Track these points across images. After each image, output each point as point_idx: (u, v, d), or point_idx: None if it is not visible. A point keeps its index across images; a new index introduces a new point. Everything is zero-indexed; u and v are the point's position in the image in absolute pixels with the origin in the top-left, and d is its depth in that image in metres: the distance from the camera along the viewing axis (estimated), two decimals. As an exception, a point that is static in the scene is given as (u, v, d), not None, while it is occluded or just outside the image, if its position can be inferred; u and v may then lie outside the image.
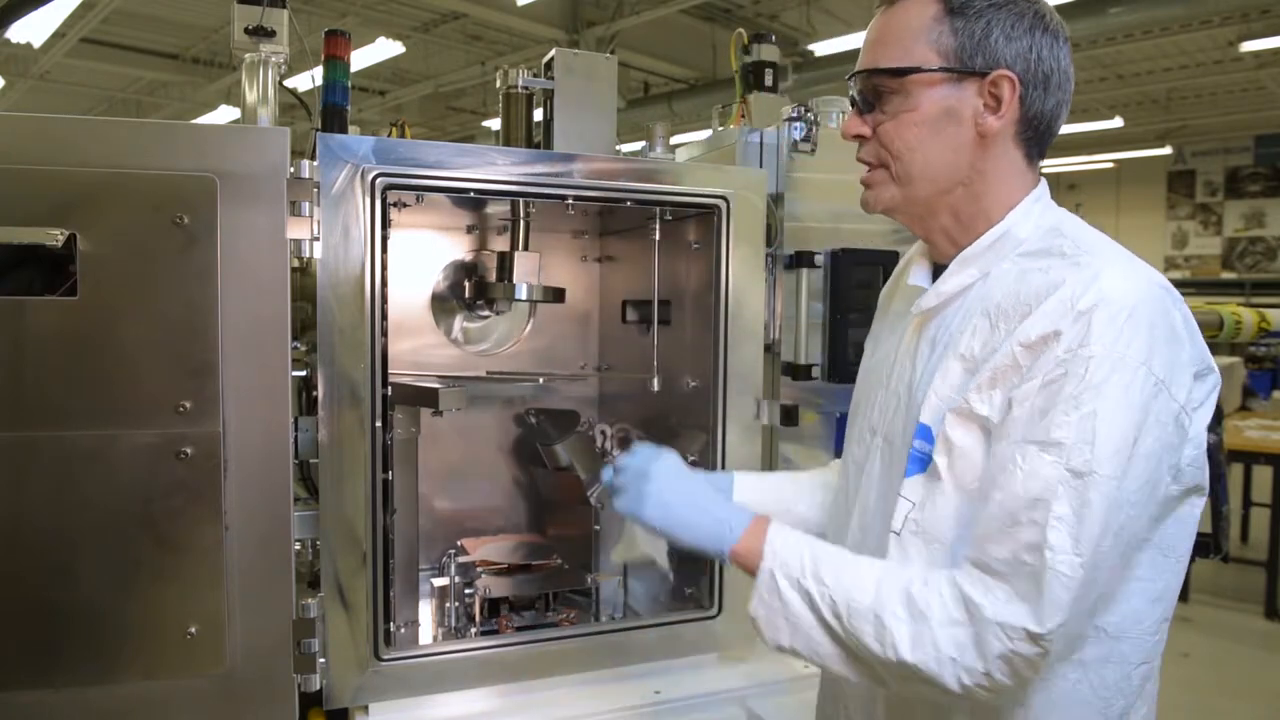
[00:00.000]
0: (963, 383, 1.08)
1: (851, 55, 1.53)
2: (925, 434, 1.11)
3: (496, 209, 2.10)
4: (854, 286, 2.00)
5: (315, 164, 1.47)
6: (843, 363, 1.98)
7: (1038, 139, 1.16)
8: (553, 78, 1.85)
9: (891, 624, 1.00)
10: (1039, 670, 0.99)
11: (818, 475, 1.49)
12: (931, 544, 1.10)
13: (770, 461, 1.96)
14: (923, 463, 1.11)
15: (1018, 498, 0.98)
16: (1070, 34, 1.18)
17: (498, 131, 1.90)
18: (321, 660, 1.51)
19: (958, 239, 1.18)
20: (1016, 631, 0.95)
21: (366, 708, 1.58)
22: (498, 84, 1.89)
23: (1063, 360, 0.99)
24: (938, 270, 1.22)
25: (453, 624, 1.90)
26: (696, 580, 1.90)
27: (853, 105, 1.20)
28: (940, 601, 1.00)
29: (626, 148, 3.33)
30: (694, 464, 1.24)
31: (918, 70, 1.11)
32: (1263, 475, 5.66)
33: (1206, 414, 1.08)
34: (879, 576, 1.05)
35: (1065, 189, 17.27)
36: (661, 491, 1.18)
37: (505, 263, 2.01)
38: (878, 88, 1.15)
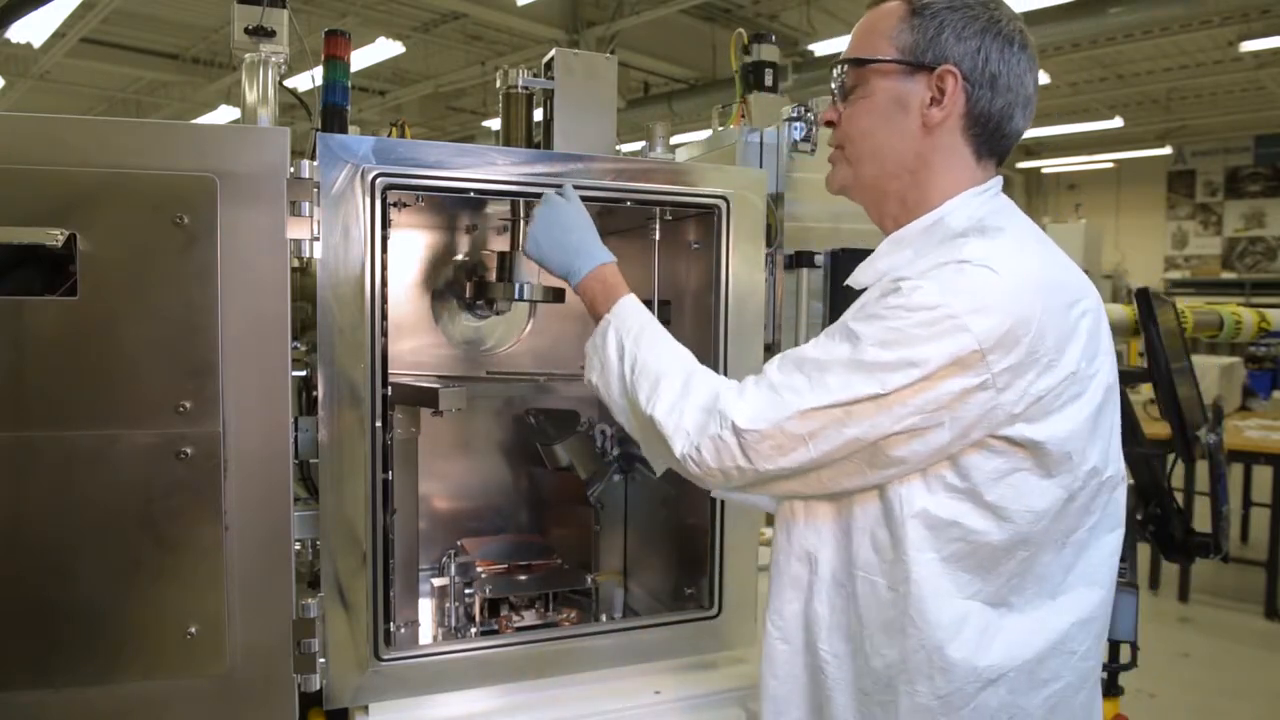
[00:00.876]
0: None
1: (851, 55, 1.55)
2: None
3: (496, 209, 2.10)
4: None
5: (315, 164, 1.47)
6: (842, 363, 1.98)
7: (987, 138, 1.22)
8: (553, 78, 1.85)
9: (663, 389, 1.22)
10: (737, 464, 1.13)
11: None
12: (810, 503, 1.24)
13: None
14: None
15: (809, 354, 1.14)
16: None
17: (498, 131, 1.90)
18: (321, 660, 1.51)
19: (903, 225, 1.26)
20: (727, 421, 1.13)
21: (366, 708, 1.58)
22: (498, 84, 1.88)
23: (900, 285, 1.10)
24: None
25: (453, 624, 1.90)
26: (696, 580, 1.90)
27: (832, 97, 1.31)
28: (707, 392, 1.19)
29: (626, 148, 3.33)
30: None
31: (874, 61, 1.21)
32: (1263, 475, 5.67)
33: (1063, 404, 1.10)
34: (684, 363, 1.26)
35: (1065, 189, 17.28)
36: (535, 231, 1.49)
37: (505, 263, 2.01)
38: (845, 79, 1.26)
